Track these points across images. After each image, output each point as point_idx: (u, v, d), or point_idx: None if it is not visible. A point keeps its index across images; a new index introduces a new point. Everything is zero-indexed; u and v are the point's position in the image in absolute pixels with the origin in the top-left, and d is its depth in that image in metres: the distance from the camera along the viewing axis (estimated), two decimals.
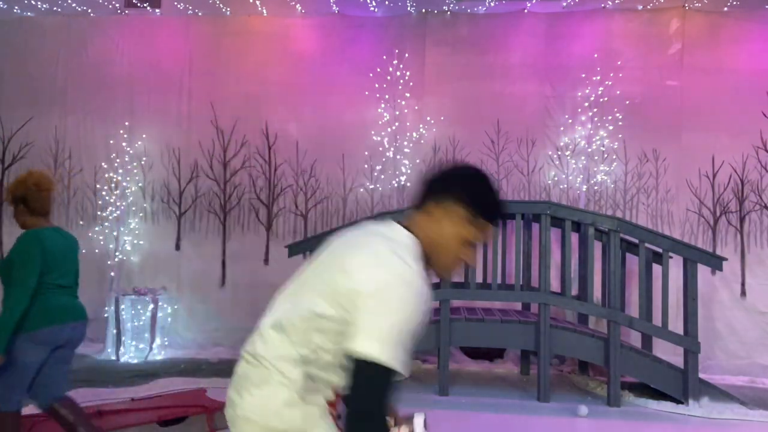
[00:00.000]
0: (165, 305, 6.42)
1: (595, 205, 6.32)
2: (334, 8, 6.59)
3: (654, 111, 6.26)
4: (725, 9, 6.21)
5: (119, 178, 6.82)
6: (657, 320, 5.03)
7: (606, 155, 6.36)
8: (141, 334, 6.13)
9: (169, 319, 6.50)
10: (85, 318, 3.24)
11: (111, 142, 6.83)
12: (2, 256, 6.91)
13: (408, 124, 6.56)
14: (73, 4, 6.70)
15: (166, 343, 6.43)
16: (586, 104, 6.34)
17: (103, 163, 6.85)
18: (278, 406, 1.41)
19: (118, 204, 6.80)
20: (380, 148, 6.57)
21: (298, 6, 6.61)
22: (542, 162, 6.41)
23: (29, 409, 4.18)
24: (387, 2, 6.42)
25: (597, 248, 5.28)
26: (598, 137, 6.32)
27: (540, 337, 4.85)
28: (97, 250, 6.75)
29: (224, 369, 5.71)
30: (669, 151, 6.25)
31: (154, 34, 6.89)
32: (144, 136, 6.82)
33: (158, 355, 6.22)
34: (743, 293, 6.06)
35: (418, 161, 6.56)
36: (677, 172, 6.24)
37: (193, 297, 6.64)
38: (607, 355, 4.79)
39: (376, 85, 6.55)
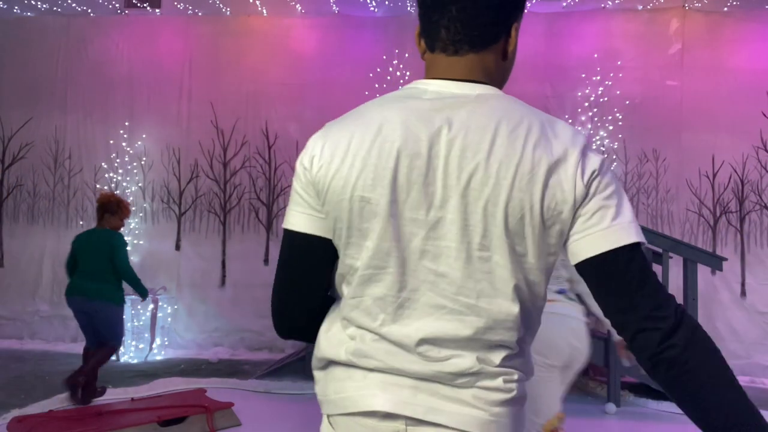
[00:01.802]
0: (165, 305, 6.42)
1: None
2: (334, 8, 6.59)
3: (654, 111, 6.26)
4: (725, 9, 6.21)
5: (119, 178, 6.82)
6: None
7: (606, 155, 6.35)
8: (141, 334, 6.12)
9: (169, 319, 6.50)
10: (84, 295, 4.37)
11: (111, 142, 6.83)
12: (2, 255, 6.93)
13: None
14: (73, 4, 6.70)
15: (166, 343, 6.43)
16: (586, 104, 6.34)
17: (103, 163, 6.86)
18: None
19: None
20: None
21: (298, 6, 6.61)
22: None
23: (29, 409, 4.18)
24: (387, 2, 6.42)
25: None
26: (598, 137, 6.32)
27: None
28: None
29: (224, 369, 5.71)
30: (669, 151, 6.25)
31: (154, 34, 6.89)
32: (144, 136, 6.82)
33: (158, 355, 6.22)
34: (743, 293, 6.06)
35: None
36: (677, 172, 6.24)
37: (193, 297, 6.64)
38: (607, 355, 4.79)
39: (376, 85, 6.55)
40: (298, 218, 1.03)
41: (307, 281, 1.06)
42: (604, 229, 0.94)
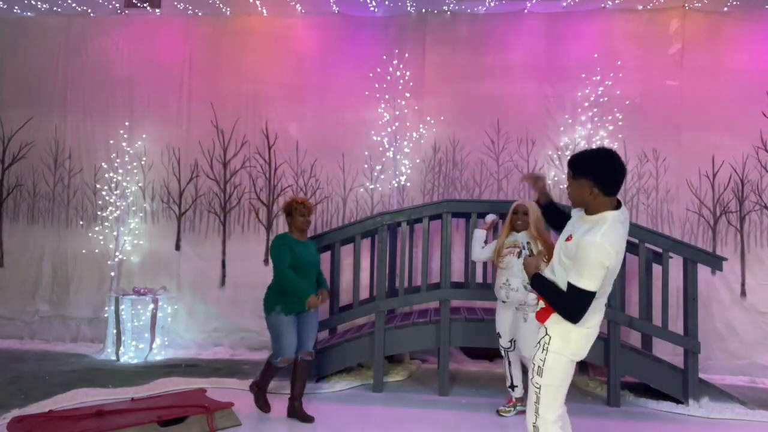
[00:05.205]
0: (165, 305, 6.42)
1: None
2: (334, 8, 6.60)
3: (654, 111, 6.26)
4: (725, 9, 6.22)
5: (119, 178, 6.82)
6: (657, 320, 5.03)
7: None
8: (141, 334, 6.12)
9: (169, 319, 6.50)
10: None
11: (111, 142, 6.83)
12: (2, 255, 6.93)
13: (408, 124, 6.56)
14: (73, 4, 6.70)
15: (166, 343, 6.43)
16: (586, 104, 6.34)
17: (103, 163, 6.86)
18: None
19: (118, 204, 6.80)
20: (380, 148, 6.57)
21: (298, 6, 6.62)
22: (542, 162, 6.41)
23: (29, 409, 4.18)
24: (387, 2, 6.42)
25: None
26: (598, 137, 6.32)
27: None
28: (97, 250, 6.76)
29: (224, 369, 5.71)
30: (669, 151, 6.25)
31: (154, 34, 6.90)
32: (144, 136, 6.83)
33: (158, 355, 6.22)
34: (743, 293, 6.06)
35: (418, 161, 6.56)
36: (677, 172, 6.25)
37: (193, 297, 6.65)
38: (607, 355, 4.79)
39: (376, 85, 6.55)
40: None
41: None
42: None
